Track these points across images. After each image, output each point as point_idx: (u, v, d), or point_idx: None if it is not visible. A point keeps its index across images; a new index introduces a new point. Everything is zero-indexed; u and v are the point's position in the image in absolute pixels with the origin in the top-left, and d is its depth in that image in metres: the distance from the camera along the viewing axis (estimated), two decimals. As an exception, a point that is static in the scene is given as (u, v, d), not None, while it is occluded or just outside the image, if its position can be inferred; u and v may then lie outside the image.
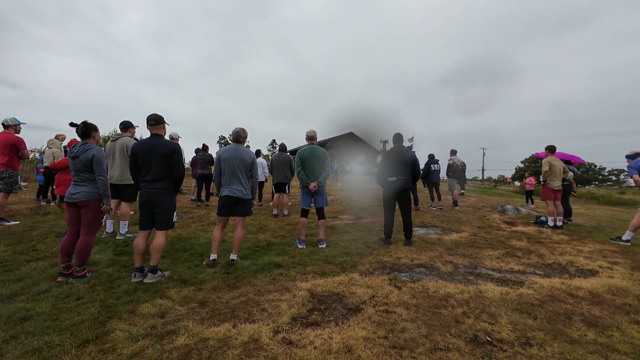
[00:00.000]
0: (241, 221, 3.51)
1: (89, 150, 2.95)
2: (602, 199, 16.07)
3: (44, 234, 4.54)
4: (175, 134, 6.49)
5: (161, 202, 2.98)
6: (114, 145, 4.39)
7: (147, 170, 2.97)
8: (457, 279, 3.15)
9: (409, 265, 3.55)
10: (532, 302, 2.57)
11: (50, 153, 6.82)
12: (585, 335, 2.08)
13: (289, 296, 2.63)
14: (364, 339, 2.00)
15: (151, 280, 2.90)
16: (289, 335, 2.04)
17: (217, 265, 3.36)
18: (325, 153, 4.30)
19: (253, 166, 3.56)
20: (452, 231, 5.49)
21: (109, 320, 2.20)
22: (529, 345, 1.96)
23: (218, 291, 2.73)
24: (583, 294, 2.78)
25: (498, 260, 3.81)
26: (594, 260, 3.85)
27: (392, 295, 2.68)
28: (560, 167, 5.87)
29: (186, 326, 2.11)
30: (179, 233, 4.86)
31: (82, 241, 2.91)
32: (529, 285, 2.98)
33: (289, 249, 4.07)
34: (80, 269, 2.92)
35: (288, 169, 6.53)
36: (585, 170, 50.81)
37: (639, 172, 4.72)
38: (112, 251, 3.81)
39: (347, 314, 2.38)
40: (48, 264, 3.29)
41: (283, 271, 3.24)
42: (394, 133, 4.61)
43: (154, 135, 3.08)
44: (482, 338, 2.03)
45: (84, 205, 2.94)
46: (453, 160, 8.76)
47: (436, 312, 2.37)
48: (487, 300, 2.60)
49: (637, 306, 2.54)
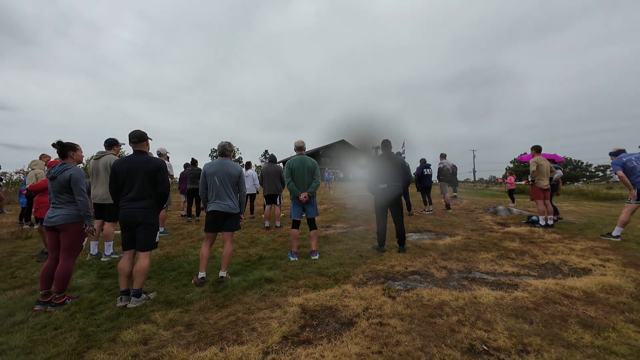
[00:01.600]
0: (229, 236, 3.42)
1: (67, 170, 2.85)
2: (591, 195, 16.36)
3: (24, 259, 4.35)
4: (163, 149, 6.39)
5: (143, 222, 2.85)
6: (97, 163, 4.28)
7: (129, 188, 2.85)
8: (452, 285, 3.10)
9: (403, 273, 3.49)
10: (528, 306, 2.53)
11: (33, 174, 6.62)
12: (582, 338, 2.04)
13: (280, 313, 2.54)
14: (357, 355, 1.92)
15: (135, 304, 2.75)
16: (279, 356, 1.95)
17: (206, 283, 3.24)
18: (314, 163, 4.26)
19: (240, 180, 3.49)
20: (445, 235, 5.46)
21: (87, 350, 2.07)
22: (526, 352, 1.91)
23: (206, 312, 2.62)
24: (577, 294, 2.75)
25: (492, 263, 3.78)
26: (586, 258, 3.85)
27: (385, 306, 2.61)
28: (548, 167, 5.94)
29: (170, 352, 2.00)
30: (168, 251, 4.72)
31: (61, 266, 2.77)
32: (523, 287, 2.94)
33: (281, 262, 3.98)
34: (60, 295, 2.78)
35: (278, 180, 6.47)
36: (573, 168, 51.96)
37: (622, 168, 4.80)
38: (95, 274, 3.65)
39: (340, 328, 2.30)
40: (26, 292, 3.13)
41: (274, 286, 3.15)
42: (382, 139, 4.61)
43: (137, 152, 2.97)
44: (479, 347, 1.98)
45: (62, 229, 2.81)
46: (443, 164, 8.82)
47: (431, 322, 2.31)
48: (482, 306, 2.55)
49: (631, 304, 2.52)
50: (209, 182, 3.37)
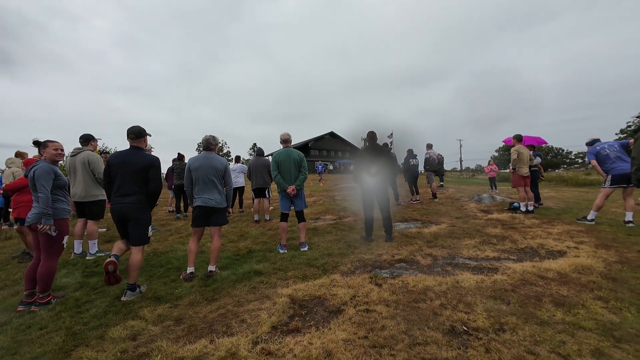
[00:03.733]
0: (217, 231, 3.42)
1: (34, 167, 2.77)
2: (570, 181, 17.00)
3: (5, 260, 4.23)
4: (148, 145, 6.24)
5: (134, 217, 2.86)
6: (74, 160, 4.14)
7: (120, 183, 2.85)
8: (436, 271, 3.21)
9: (390, 262, 3.59)
10: (506, 288, 2.66)
11: (10, 173, 6.35)
12: (554, 316, 2.17)
13: (269, 304, 2.59)
14: (344, 341, 1.99)
15: (131, 297, 2.80)
16: (268, 345, 1.99)
17: (195, 278, 3.25)
18: (301, 155, 4.27)
19: (226, 173, 3.47)
20: (431, 223, 5.61)
21: (74, 348, 2.06)
22: (503, 330, 2.02)
23: (195, 306, 2.64)
24: (552, 275, 2.91)
25: (475, 249, 3.93)
26: (562, 242, 4.05)
27: (372, 293, 2.69)
28: (527, 155, 6.15)
29: (160, 347, 2.02)
30: (155, 247, 4.67)
31: (42, 266, 2.72)
32: (502, 271, 3.08)
33: (270, 255, 4.01)
34: (44, 295, 2.73)
35: (266, 173, 6.46)
36: (554, 155, 53.72)
37: (595, 157, 5.06)
38: (80, 273, 3.60)
39: (328, 316, 2.36)
40: (8, 293, 3.06)
41: (263, 279, 3.18)
42: (368, 131, 4.65)
43: (133, 148, 2.99)
44: (459, 328, 2.08)
45: (36, 228, 2.74)
46: (429, 154, 8.97)
47: (415, 307, 2.40)
48: (464, 290, 2.66)
49: (600, 282, 2.69)
50: (194, 177, 3.34)
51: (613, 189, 4.89)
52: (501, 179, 18.46)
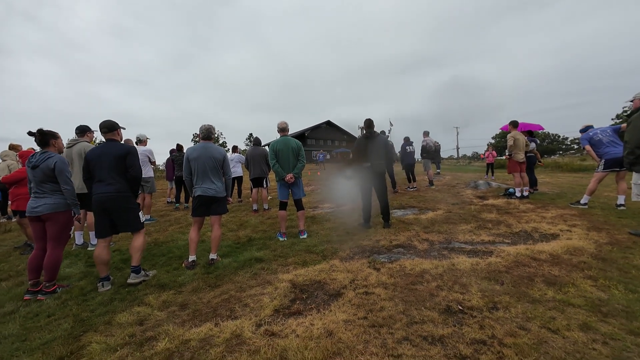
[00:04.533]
0: (217, 220, 3.46)
1: (50, 158, 2.78)
2: (566, 166, 17.19)
3: (7, 252, 4.26)
4: (142, 135, 6.19)
5: (120, 207, 2.87)
6: (71, 152, 4.12)
7: (99, 174, 2.85)
8: (433, 255, 3.30)
9: (388, 247, 3.67)
10: (500, 269, 2.75)
11: (5, 166, 6.32)
12: (545, 294, 2.26)
13: (271, 289, 2.66)
14: (344, 321, 2.07)
15: (135, 280, 2.87)
16: (271, 326, 2.07)
17: (197, 266, 3.31)
18: (298, 144, 4.28)
19: (225, 163, 3.49)
20: (428, 210, 5.69)
21: (83, 334, 2.13)
22: (496, 309, 2.11)
23: (199, 292, 2.71)
24: (544, 256, 3.00)
25: (470, 234, 4.02)
26: (555, 225, 4.15)
27: (371, 277, 2.77)
28: (523, 141, 6.20)
29: (166, 330, 2.09)
30: (156, 237, 4.72)
31: (49, 255, 2.76)
32: (497, 254, 3.17)
33: (270, 243, 4.08)
34: (50, 284, 2.79)
35: (264, 163, 6.46)
36: (550, 141, 53.97)
37: (589, 143, 5.13)
38: (83, 263, 3.65)
39: (329, 299, 2.44)
40: (13, 284, 3.11)
41: (264, 265, 3.25)
42: (365, 119, 4.65)
43: (109, 141, 2.99)
44: (455, 307, 2.16)
45: (49, 218, 2.78)
46: (426, 142, 9.00)
47: (412, 289, 2.49)
48: (459, 272, 2.75)
49: (591, 263, 2.79)
50: (193, 167, 3.35)
51: (606, 173, 4.98)
52: (496, 166, 18.58)
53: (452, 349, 1.72)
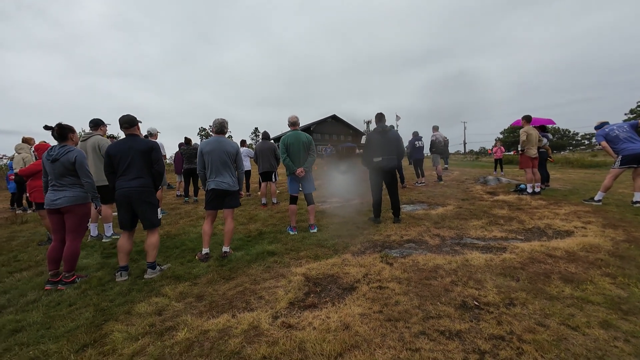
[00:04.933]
0: (230, 213, 3.49)
1: (70, 152, 2.83)
2: (576, 162, 16.88)
3: (25, 243, 4.37)
4: (153, 129, 6.24)
5: (143, 200, 2.92)
6: (85, 145, 4.17)
7: (124, 169, 2.89)
8: (445, 251, 3.29)
9: (399, 242, 3.67)
10: (515, 266, 2.73)
11: (20, 158, 6.45)
12: (563, 291, 2.24)
13: (285, 282, 2.69)
14: (360, 315, 2.08)
15: (151, 275, 2.94)
16: (288, 319, 2.09)
17: (210, 258, 3.35)
18: (309, 138, 4.27)
19: (237, 157, 3.50)
20: (438, 205, 5.66)
21: (105, 323, 2.18)
22: (513, 305, 2.10)
23: (214, 284, 2.75)
24: (560, 253, 2.97)
25: (482, 230, 3.99)
26: (569, 222, 4.09)
27: (384, 271, 2.78)
28: (536, 136, 6.08)
29: (185, 321, 2.13)
30: (168, 230, 4.79)
31: (69, 247, 2.83)
32: (511, 250, 3.15)
33: (281, 237, 4.11)
34: (69, 274, 2.86)
35: (272, 157, 6.47)
36: (560, 137, 52.96)
37: (605, 139, 5.01)
38: (99, 254, 3.72)
39: (343, 293, 2.46)
40: (33, 274, 3.19)
41: (277, 258, 3.28)
42: (376, 113, 4.61)
43: (130, 136, 3.00)
44: (470, 303, 2.16)
45: (68, 211, 2.84)
46: (435, 137, 8.90)
47: (426, 284, 2.49)
48: (474, 268, 2.74)
49: (608, 260, 2.75)
50: (206, 160, 3.37)
51: (623, 170, 4.87)
52: (504, 161, 18.34)
53: (471, 344, 1.72)
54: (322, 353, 1.70)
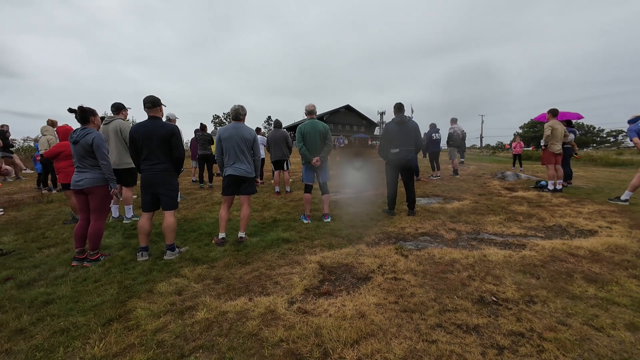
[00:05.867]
0: (246, 199, 3.53)
1: (89, 134, 2.91)
2: (600, 160, 16.13)
3: (51, 221, 4.58)
4: (172, 115, 6.33)
5: (164, 184, 3.01)
6: (107, 128, 4.28)
7: (147, 153, 2.96)
8: (461, 245, 3.24)
9: (414, 234, 3.63)
10: (535, 263, 2.67)
11: (45, 140, 6.70)
12: (586, 291, 2.18)
13: (300, 269, 2.72)
14: (375, 305, 2.09)
15: (170, 257, 3.04)
16: (304, 305, 2.12)
17: (227, 243, 3.43)
18: (326, 127, 4.23)
19: (255, 144, 3.51)
20: (453, 199, 5.56)
21: (129, 299, 2.27)
22: (533, 302, 2.06)
23: (230, 268, 2.81)
24: (583, 253, 2.87)
25: (500, 226, 3.90)
26: (593, 221, 3.94)
27: (399, 263, 2.76)
28: (562, 131, 5.83)
29: (204, 301, 2.19)
30: (185, 214, 4.91)
31: (92, 226, 2.95)
32: (530, 247, 3.07)
33: (295, 225, 4.14)
34: (94, 252, 2.98)
35: (285, 145, 6.47)
36: (584, 133, 50.63)
37: (638, 135, 4.74)
38: (121, 235, 3.87)
39: (357, 282, 2.47)
40: (60, 250, 3.35)
41: (291, 246, 3.32)
42: (395, 103, 4.50)
43: (152, 118, 3.03)
44: (488, 298, 2.13)
45: (90, 192, 2.95)
46: (454, 129, 8.67)
47: (443, 277, 2.46)
48: (491, 264, 2.69)
49: (635, 262, 2.64)
50: (224, 147, 3.40)
51: (654, 169, 4.63)
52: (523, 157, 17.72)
53: (489, 339, 1.70)
54: (338, 339, 1.72)
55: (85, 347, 1.74)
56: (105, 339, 1.81)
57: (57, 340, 1.82)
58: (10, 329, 1.94)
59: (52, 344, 1.78)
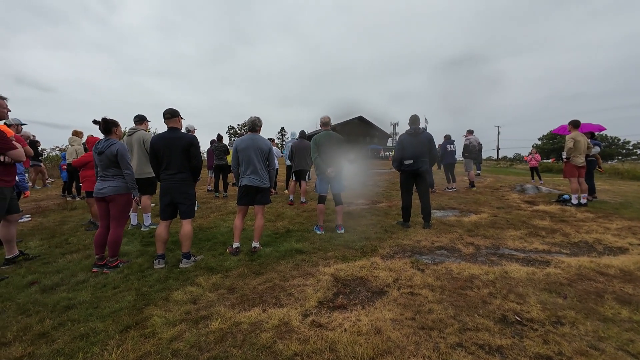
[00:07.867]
0: (261, 210, 3.56)
1: (113, 145, 3.04)
2: (627, 173, 15.36)
3: (74, 227, 4.75)
4: (191, 126, 6.55)
5: (182, 193, 3.10)
6: (131, 139, 4.47)
7: (167, 163, 3.07)
8: (480, 260, 3.12)
9: (430, 248, 3.54)
10: (561, 282, 2.53)
11: (73, 150, 7.04)
12: (619, 314, 2.04)
13: (314, 281, 2.69)
14: (391, 320, 2.03)
15: (186, 265, 3.08)
16: (318, 318, 2.09)
17: (241, 252, 3.44)
18: (341, 139, 4.26)
19: (270, 155, 3.57)
20: (470, 212, 5.41)
21: (145, 307, 2.31)
22: (561, 324, 1.95)
23: (244, 278, 2.81)
24: (614, 272, 2.71)
25: (521, 241, 3.75)
26: (622, 238, 3.73)
27: (415, 277, 2.69)
28: (585, 143, 5.62)
29: (218, 311, 2.19)
30: (200, 223, 4.99)
31: (112, 234, 3.04)
32: (555, 264, 2.92)
33: (309, 235, 4.12)
34: (113, 259, 3.06)
35: (309, 156, 6.51)
36: (608, 145, 48.55)
37: None
38: (139, 242, 3.96)
39: (372, 296, 2.41)
40: (82, 256, 3.46)
41: (305, 257, 3.30)
42: (411, 115, 4.49)
43: (171, 129, 3.17)
44: (511, 318, 2.03)
45: (112, 200, 3.05)
46: (470, 140, 8.52)
47: (462, 294, 2.37)
48: (514, 281, 2.57)
49: (673, 283, 2.46)
50: (240, 157, 3.47)
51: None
52: (542, 169, 17.12)
53: (514, 362, 1.61)
54: (354, 356, 1.68)
55: (103, 354, 1.77)
56: (122, 345, 1.83)
57: (77, 345, 1.85)
58: (34, 332, 2.00)
59: (72, 349, 1.82)
